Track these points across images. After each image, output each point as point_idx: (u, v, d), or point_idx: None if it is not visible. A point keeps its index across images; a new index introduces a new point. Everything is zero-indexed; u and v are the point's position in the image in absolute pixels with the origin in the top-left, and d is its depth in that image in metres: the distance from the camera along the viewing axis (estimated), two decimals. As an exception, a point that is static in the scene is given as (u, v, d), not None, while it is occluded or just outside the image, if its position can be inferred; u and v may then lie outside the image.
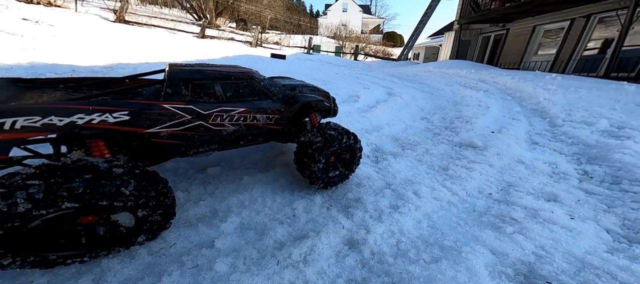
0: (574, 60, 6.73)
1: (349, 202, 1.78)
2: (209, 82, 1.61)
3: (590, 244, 1.31)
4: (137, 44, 6.10)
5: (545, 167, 2.28)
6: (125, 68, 4.08)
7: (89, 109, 1.19)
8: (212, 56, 6.81)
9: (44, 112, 1.12)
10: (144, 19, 11.44)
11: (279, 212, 1.61)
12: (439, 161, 2.52)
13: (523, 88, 4.96)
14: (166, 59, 5.30)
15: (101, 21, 7.86)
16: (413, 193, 1.90)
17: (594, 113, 3.20)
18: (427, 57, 18.77)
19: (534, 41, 8.38)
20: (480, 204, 1.81)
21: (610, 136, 2.63)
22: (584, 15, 6.53)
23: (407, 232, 1.50)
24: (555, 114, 3.55)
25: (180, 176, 1.90)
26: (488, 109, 4.27)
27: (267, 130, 1.84)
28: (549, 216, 1.53)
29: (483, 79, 6.58)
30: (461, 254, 1.30)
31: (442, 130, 3.47)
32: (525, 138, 3.03)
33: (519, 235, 1.41)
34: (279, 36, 20.51)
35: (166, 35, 9.04)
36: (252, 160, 2.22)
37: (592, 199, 1.75)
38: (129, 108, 1.29)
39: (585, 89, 4.00)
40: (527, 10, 7.79)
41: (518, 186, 1.99)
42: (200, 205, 1.60)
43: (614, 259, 1.19)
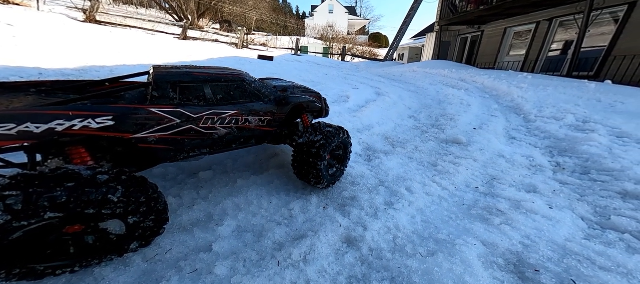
0: (541, 60, 7.33)
1: (345, 201, 1.77)
2: (199, 84, 1.55)
3: (569, 232, 1.41)
4: (111, 45, 5.64)
5: (523, 160, 2.44)
6: (100, 71, 3.75)
7: (69, 114, 1.11)
8: (196, 58, 6.48)
9: (19, 119, 1.03)
10: (118, 20, 10.59)
11: (275, 213, 1.56)
12: (428, 158, 2.59)
13: (499, 87, 5.29)
14: (145, 62, 4.95)
15: (69, 21, 7.14)
16: (406, 190, 1.94)
17: (561, 109, 3.49)
18: (411, 58, 19.42)
19: (505, 43, 8.99)
20: (469, 197, 1.89)
21: (577, 130, 2.88)
22: (547, 18, 7.12)
23: (403, 227, 1.51)
24: (528, 110, 3.82)
25: (170, 181, 1.79)
26: (469, 106, 4.49)
27: (260, 132, 1.81)
28: (531, 207, 1.63)
29: (463, 79, 6.93)
30: (455, 247, 1.34)
31: (429, 128, 3.59)
32: (504, 134, 3.23)
33: (506, 226, 1.48)
34: (266, 38, 20.08)
35: (144, 37, 8.44)
36: (245, 163, 2.14)
37: (566, 189, 1.90)
38: (113, 113, 1.21)
39: (552, 87, 4.36)
40: (498, 13, 8.32)
41: (501, 179, 2.11)
42: (194, 210, 1.52)
43: (592, 245, 1.29)
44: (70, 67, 3.65)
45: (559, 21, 6.98)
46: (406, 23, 14.87)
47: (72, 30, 5.83)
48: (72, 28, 6.01)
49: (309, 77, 6.81)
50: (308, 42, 25.21)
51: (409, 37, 21.39)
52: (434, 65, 9.44)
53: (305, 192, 1.81)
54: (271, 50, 15.46)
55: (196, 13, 17.98)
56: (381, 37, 33.67)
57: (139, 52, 5.66)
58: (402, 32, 15.01)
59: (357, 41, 27.18)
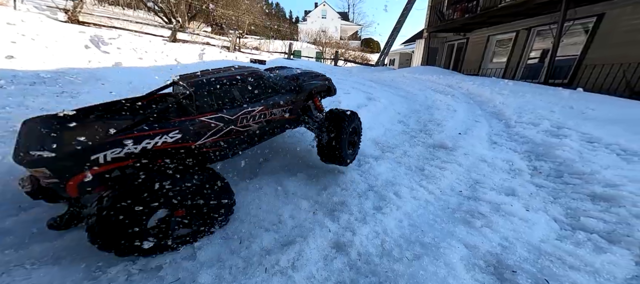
0: (521, 67, 7.74)
1: (334, 206, 1.79)
2: (227, 88, 1.74)
3: (543, 233, 1.50)
4: (94, 47, 5.40)
5: (503, 164, 2.57)
6: (81, 73, 3.60)
7: (151, 134, 1.33)
8: (186, 61, 6.32)
9: (121, 143, 1.23)
10: (103, 20, 10.20)
11: (264, 219, 1.56)
12: (415, 162, 2.67)
13: (482, 93, 5.54)
14: (130, 64, 4.79)
15: (48, 21, 6.79)
16: (394, 194, 1.99)
17: (538, 115, 3.70)
18: (401, 63, 19.92)
19: (489, 50, 9.43)
20: (453, 201, 1.96)
21: (552, 135, 3.06)
22: (526, 27, 7.55)
23: (390, 232, 1.56)
24: (509, 116, 4.02)
25: None
26: (455, 112, 4.67)
27: (284, 121, 2.07)
28: (509, 209, 1.72)
29: (450, 85, 7.19)
30: (439, 250, 1.39)
31: (417, 132, 3.70)
32: (487, 138, 3.38)
33: (486, 228, 1.56)
34: (259, 41, 19.95)
35: (131, 39, 8.17)
36: (235, 168, 2.11)
37: (542, 192, 2.02)
38: (178, 127, 1.43)
39: (530, 94, 4.62)
40: (481, 21, 8.74)
41: (483, 182, 2.21)
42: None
43: (563, 245, 1.38)
44: (46, 68, 3.48)
45: (537, 30, 7.43)
46: (396, 29, 15.27)
47: (52, 31, 5.56)
48: (52, 29, 5.72)
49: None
50: (301, 47, 25.31)
51: (400, 43, 21.95)
52: (423, 71, 9.74)
53: (295, 198, 1.82)
54: (264, 54, 15.38)
55: (187, 15, 17.63)
56: (373, 42, 34.35)
57: (124, 54, 5.47)
58: (392, 38, 15.39)
59: (350, 46, 27.56)
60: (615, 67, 4.87)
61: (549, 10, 6.38)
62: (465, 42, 10.87)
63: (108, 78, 3.62)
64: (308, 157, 2.50)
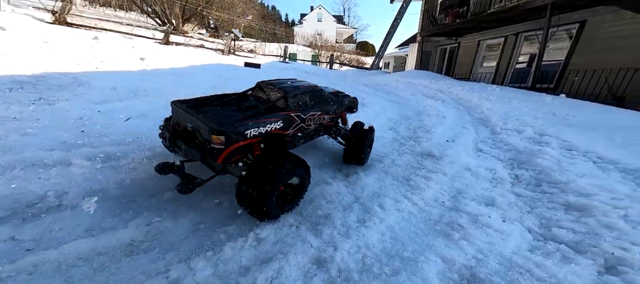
0: (510, 72, 7.93)
1: (318, 220, 1.84)
2: (304, 94, 2.30)
3: (515, 244, 1.57)
4: (81, 49, 5.37)
5: (486, 173, 2.65)
6: (62, 78, 3.53)
7: (271, 120, 1.84)
8: (177, 65, 6.32)
9: (257, 125, 1.74)
10: (93, 22, 10.14)
11: (242, 234, 1.58)
12: (402, 172, 2.74)
13: (471, 98, 5.67)
14: (117, 68, 4.76)
15: (34, 22, 6.71)
16: (378, 206, 2.04)
17: (522, 122, 3.82)
18: (396, 66, 20.17)
19: (479, 54, 9.64)
20: (435, 212, 2.03)
21: (534, 143, 3.16)
22: (514, 33, 7.76)
23: (372, 246, 1.61)
24: (495, 122, 4.13)
25: (129, 202, 1.71)
26: (444, 118, 4.78)
27: (327, 126, 2.65)
28: (487, 221, 1.79)
29: (441, 89, 7.32)
30: (417, 264, 1.45)
31: (407, 140, 3.78)
32: (472, 146, 3.47)
33: (463, 241, 1.62)
34: (254, 44, 20.02)
35: (121, 41, 8.10)
36: (218, 180, 2.12)
37: (520, 202, 2.10)
38: (281, 119, 1.95)
39: (516, 100, 4.75)
40: (471, 26, 8.94)
41: (465, 192, 2.28)
42: (153, 234, 1.50)
43: (533, 256, 1.45)
44: (26, 73, 3.39)
45: (524, 36, 7.63)
46: (390, 33, 15.48)
47: (38, 33, 5.45)
48: (37, 30, 5.62)
49: (295, 87, 6.85)
50: (297, 50, 25.48)
51: (394, 46, 22.25)
52: (416, 76, 9.89)
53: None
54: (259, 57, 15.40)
55: (181, 18, 17.64)
56: (368, 45, 34.71)
57: (112, 57, 5.41)
58: (386, 42, 15.60)
59: (345, 49, 27.80)
60: (597, 72, 5.03)
61: (534, 17, 6.57)
62: (457, 46, 11.09)
63: (91, 83, 3.57)
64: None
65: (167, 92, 4.03)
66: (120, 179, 1.92)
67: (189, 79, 5.25)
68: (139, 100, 3.53)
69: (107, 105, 3.14)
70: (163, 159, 1.97)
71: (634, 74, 4.52)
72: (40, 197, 1.58)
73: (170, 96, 3.90)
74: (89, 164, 1.99)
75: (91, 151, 2.16)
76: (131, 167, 2.09)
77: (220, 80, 5.75)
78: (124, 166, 2.08)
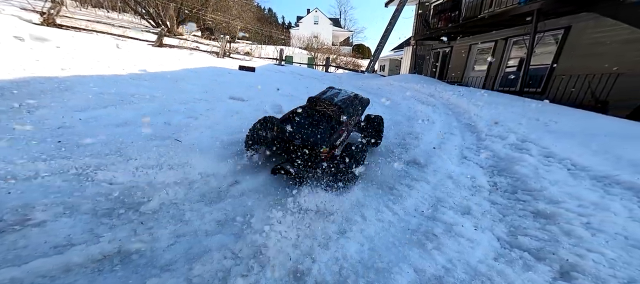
0: (500, 76, 8.10)
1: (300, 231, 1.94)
2: (350, 106, 3.05)
3: (483, 253, 1.68)
4: (70, 52, 5.36)
5: (467, 181, 2.76)
6: (44, 84, 3.50)
7: (341, 133, 2.76)
8: (169, 68, 6.38)
9: (338, 137, 2.69)
10: (84, 24, 10.17)
11: (222, 247, 1.62)
12: (387, 180, 2.85)
13: (460, 103, 5.80)
14: (106, 72, 4.78)
15: (21, 24, 6.44)
16: (360, 217, 2.15)
17: (507, 128, 3.95)
18: (391, 69, 20.38)
19: (471, 58, 9.82)
20: (414, 222, 2.14)
21: (516, 149, 3.29)
22: (503, 38, 7.94)
23: (350, 257, 1.72)
24: (481, 128, 4.26)
25: (102, 216, 1.70)
26: (433, 124, 4.90)
27: (356, 123, 3.48)
28: (460, 230, 1.91)
29: (432, 94, 7.47)
30: (391, 275, 1.56)
31: (395, 147, 3.89)
32: (457, 153, 3.59)
33: (435, 251, 1.74)
34: (250, 46, 20.18)
35: (112, 42, 8.08)
36: (200, 192, 2.14)
37: (494, 209, 2.21)
38: (345, 130, 2.84)
39: (502, 106, 4.89)
40: (463, 30, 9.14)
41: (444, 201, 2.40)
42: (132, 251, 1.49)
43: (496, 264, 1.56)
44: (6, 78, 3.33)
45: (513, 40, 7.81)
46: (385, 37, 15.69)
47: (24, 34, 5.21)
48: (24, 32, 5.39)
49: (289, 90, 6.96)
50: (293, 52, 25.70)
51: (390, 49, 22.47)
52: (409, 80, 10.04)
53: (263, 218, 1.95)
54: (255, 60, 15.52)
55: (176, 19, 17.76)
56: (364, 48, 35.04)
57: (102, 60, 5.43)
58: (381, 45, 15.80)
59: (341, 52, 28.04)
60: (581, 77, 5.18)
61: (522, 22, 6.74)
62: (450, 50, 11.27)
63: (75, 88, 3.55)
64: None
65: (155, 98, 4.08)
66: (96, 191, 1.87)
67: (181, 83, 5.32)
68: (125, 106, 3.49)
69: (90, 112, 3.09)
70: (145, 169, 2.02)
71: (615, 80, 4.67)
72: (3, 213, 1.54)
73: (159, 102, 4.01)
74: (61, 178, 1.92)
75: (65, 164, 2.09)
76: (108, 180, 2.03)
77: (213, 84, 5.83)
78: (102, 180, 2.03)
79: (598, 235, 1.67)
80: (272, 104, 5.31)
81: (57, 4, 8.22)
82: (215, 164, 2.53)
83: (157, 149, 2.58)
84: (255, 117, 4.33)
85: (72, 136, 2.55)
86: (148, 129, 3.04)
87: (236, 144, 3.09)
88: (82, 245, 1.46)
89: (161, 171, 2.27)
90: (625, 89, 4.54)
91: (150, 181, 2.10)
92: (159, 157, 2.43)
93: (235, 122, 3.82)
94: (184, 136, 3.05)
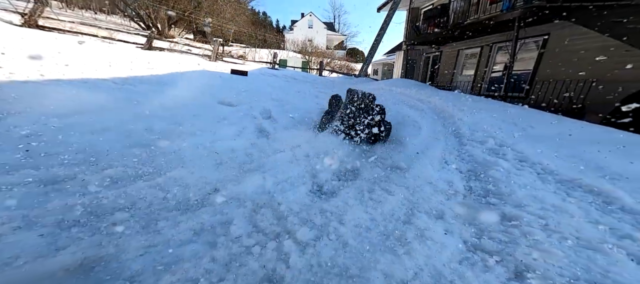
0: (485, 81, 8.35)
1: (276, 236, 2.00)
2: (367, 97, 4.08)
3: (449, 257, 1.78)
4: (51, 54, 5.27)
5: (445, 186, 2.88)
6: (19, 88, 3.39)
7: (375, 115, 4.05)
8: (157, 71, 6.33)
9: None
10: (69, 26, 10.00)
11: (194, 257, 1.64)
12: (370, 186, 2.94)
13: (446, 108, 5.97)
14: (92, 76, 4.72)
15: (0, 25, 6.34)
16: (339, 222, 2.23)
17: (487, 133, 4.10)
18: (384, 73, 20.70)
19: (459, 63, 10.09)
20: (390, 227, 2.23)
21: (493, 154, 3.43)
22: (488, 44, 8.21)
23: (324, 263, 1.79)
24: (463, 133, 4.41)
25: (69, 228, 1.64)
26: (420, 129, 5.04)
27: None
28: (431, 234, 2.01)
29: (421, 99, 7.65)
30: (362, 281, 1.64)
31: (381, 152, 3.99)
32: (439, 158, 3.72)
33: (406, 256, 1.83)
34: (244, 50, 20.19)
35: (99, 45, 7.96)
36: (176, 199, 2.12)
37: (466, 213, 2.32)
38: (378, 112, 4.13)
39: (484, 111, 5.06)
40: (451, 36, 9.39)
41: (420, 206, 2.50)
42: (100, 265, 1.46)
43: (459, 267, 1.66)
44: None
45: (498, 46, 8.08)
46: (377, 41, 15.93)
47: (2, 36, 5.13)
48: (1, 34, 5.32)
49: (280, 95, 7.01)
50: (287, 56, 25.81)
51: (382, 53, 22.81)
52: (400, 84, 10.23)
53: (245, 227, 2.02)
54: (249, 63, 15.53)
55: (167, 22, 17.65)
56: (358, 52, 35.47)
57: (86, 62, 5.28)
58: (373, 50, 16.04)
59: (335, 55, 28.29)
60: (559, 83, 5.41)
61: (506, 29, 7.00)
62: (439, 55, 11.54)
63: (49, 95, 3.43)
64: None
65: (139, 103, 4.07)
66: (64, 204, 1.80)
67: (168, 87, 5.31)
68: (105, 112, 3.44)
69: (65, 119, 2.99)
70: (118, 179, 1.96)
71: (590, 86, 4.89)
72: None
73: (142, 107, 3.99)
74: (25, 190, 1.84)
75: (31, 174, 1.99)
76: (77, 192, 1.92)
77: (202, 89, 5.85)
78: (70, 190, 1.92)
79: (553, 236, 1.79)
80: (262, 109, 5.37)
81: (39, 5, 8.01)
82: (196, 172, 2.57)
83: (135, 158, 2.59)
84: (243, 123, 4.39)
85: (41, 145, 2.42)
86: (128, 135, 3.03)
87: (222, 153, 3.14)
88: (41, 258, 1.40)
89: (136, 180, 2.24)
90: (599, 95, 4.77)
91: (124, 191, 2.08)
92: (136, 166, 2.44)
93: (222, 129, 3.87)
94: (166, 143, 3.07)
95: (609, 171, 2.69)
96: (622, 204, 2.22)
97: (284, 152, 3.51)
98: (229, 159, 3.10)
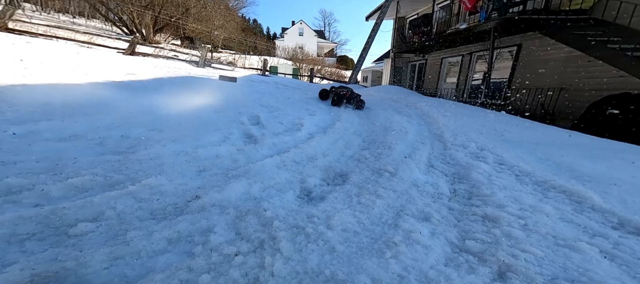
0: (467, 89, 8.78)
1: (261, 243, 1.92)
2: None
3: (435, 259, 1.79)
4: (21, 59, 4.93)
5: (431, 188, 2.93)
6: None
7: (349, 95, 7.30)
8: (140, 77, 6.10)
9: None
10: (42, 29, 9.51)
11: (170, 264, 1.53)
12: (357, 190, 2.93)
13: (431, 114, 6.18)
14: (68, 81, 4.49)
15: None
16: (327, 227, 2.19)
17: (469, 138, 4.27)
18: (373, 80, 21.25)
19: (443, 71, 10.55)
20: (377, 230, 2.22)
21: (475, 157, 3.56)
22: (468, 52, 8.68)
23: (310, 270, 1.73)
24: (447, 138, 4.56)
25: (30, 240, 1.50)
26: (406, 134, 5.16)
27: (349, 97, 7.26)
28: (417, 237, 2.01)
29: (408, 105, 7.88)
30: (348, 285, 1.60)
31: (369, 157, 4.02)
32: (425, 162, 3.81)
33: (393, 259, 1.81)
34: (234, 56, 20.01)
35: (76, 50, 7.60)
36: (149, 209, 1.98)
37: (451, 215, 2.36)
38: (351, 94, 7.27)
39: (466, 116, 5.29)
40: (434, 44, 9.83)
41: (407, 209, 2.51)
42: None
43: (444, 269, 1.67)
44: None
45: (477, 55, 8.56)
46: (365, 49, 16.36)
47: None
48: None
49: (270, 101, 6.95)
50: (278, 63, 25.88)
51: (372, 61, 23.48)
52: (388, 91, 10.50)
53: (227, 234, 1.93)
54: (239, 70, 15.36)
55: (152, 28, 17.19)
56: (348, 59, 36.34)
57: (61, 68, 5.05)
58: (362, 57, 16.44)
59: (326, 63, 28.75)
60: (532, 91, 5.79)
61: (484, 39, 7.43)
62: (425, 63, 12.02)
63: (15, 100, 3.23)
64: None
65: (115, 109, 3.87)
66: (17, 216, 1.61)
67: (149, 93, 5.11)
68: (77, 118, 3.26)
69: (29, 125, 2.81)
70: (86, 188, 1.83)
71: (559, 94, 5.27)
72: None
73: (119, 113, 3.80)
74: None
75: None
76: (34, 203, 1.78)
77: (188, 95, 5.68)
78: (26, 201, 1.79)
79: (531, 236, 1.85)
80: (250, 115, 5.28)
81: (10, 7, 7.62)
82: (175, 179, 2.45)
83: (106, 166, 2.42)
84: (229, 128, 4.28)
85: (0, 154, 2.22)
86: (101, 143, 2.85)
87: (206, 159, 3.02)
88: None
89: (106, 189, 2.08)
90: (568, 102, 5.15)
91: (91, 200, 1.89)
92: (107, 174, 2.28)
93: (207, 135, 3.74)
94: (144, 150, 2.91)
95: (580, 172, 2.87)
96: (593, 204, 2.36)
97: (273, 157, 3.45)
98: (213, 165, 2.99)
